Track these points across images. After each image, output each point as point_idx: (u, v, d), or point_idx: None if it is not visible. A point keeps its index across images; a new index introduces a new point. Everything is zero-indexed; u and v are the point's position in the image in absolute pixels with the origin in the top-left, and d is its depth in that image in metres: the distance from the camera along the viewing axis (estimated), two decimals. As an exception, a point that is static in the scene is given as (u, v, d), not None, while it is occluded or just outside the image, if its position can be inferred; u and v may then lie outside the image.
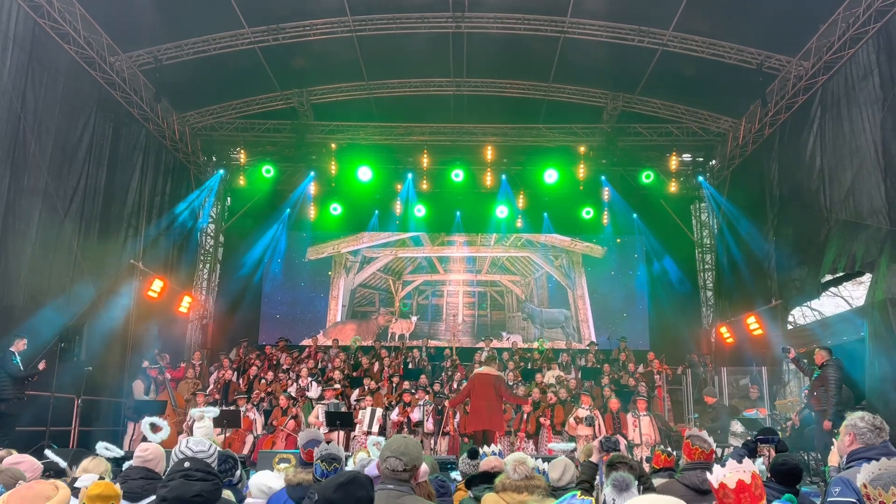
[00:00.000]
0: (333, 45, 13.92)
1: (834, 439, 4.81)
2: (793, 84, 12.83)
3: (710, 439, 4.72)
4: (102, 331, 12.00)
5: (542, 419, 11.58)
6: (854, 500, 2.79)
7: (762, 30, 12.44)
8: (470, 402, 10.45)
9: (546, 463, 4.65)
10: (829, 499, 2.98)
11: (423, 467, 3.62)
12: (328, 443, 3.79)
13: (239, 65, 14.30)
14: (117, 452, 4.56)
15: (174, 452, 3.82)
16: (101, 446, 4.37)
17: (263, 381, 13.26)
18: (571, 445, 7.48)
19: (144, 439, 5.14)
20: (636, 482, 3.76)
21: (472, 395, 10.24)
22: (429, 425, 11.42)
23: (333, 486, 2.34)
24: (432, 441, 11.41)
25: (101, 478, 3.54)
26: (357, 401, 12.52)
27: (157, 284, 13.97)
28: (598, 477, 4.65)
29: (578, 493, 3.17)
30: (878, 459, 2.88)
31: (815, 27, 11.84)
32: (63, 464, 4.90)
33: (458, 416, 11.54)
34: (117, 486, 2.33)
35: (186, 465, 2.99)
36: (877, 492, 2.50)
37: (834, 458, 6.97)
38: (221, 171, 17.35)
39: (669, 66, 13.89)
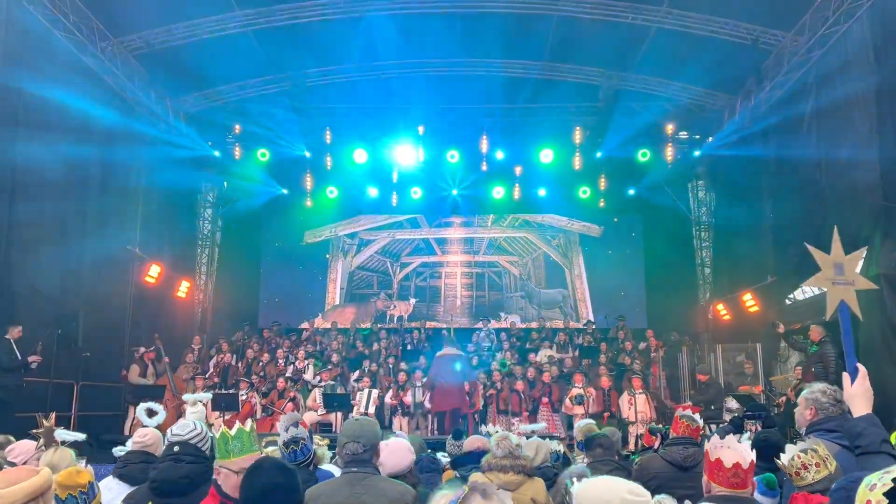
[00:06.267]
0: (326, 26, 13.81)
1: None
2: (788, 59, 12.73)
3: (698, 417, 4.78)
4: (100, 317, 12.07)
5: (543, 398, 11.69)
6: None
7: (757, 5, 12.32)
8: (436, 383, 10.65)
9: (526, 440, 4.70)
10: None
11: (408, 460, 3.64)
12: (328, 425, 3.82)
13: (232, 48, 14.18)
14: (77, 437, 4.62)
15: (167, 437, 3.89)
16: (61, 432, 4.42)
17: (260, 363, 13.35)
18: (542, 425, 7.60)
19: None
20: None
21: (437, 375, 10.52)
22: (428, 405, 11.52)
23: (243, 479, 2.37)
24: (429, 419, 11.52)
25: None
26: (356, 381, 12.62)
27: (155, 270, 14.01)
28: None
29: None
30: (834, 430, 2.96)
31: (809, 1, 11.73)
32: (81, 437, 4.97)
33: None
34: (87, 470, 2.39)
35: (176, 448, 3.14)
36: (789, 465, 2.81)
37: None
38: (218, 156, 17.31)
39: (665, 43, 13.76)
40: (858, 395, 2.71)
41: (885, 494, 1.51)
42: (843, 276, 2.44)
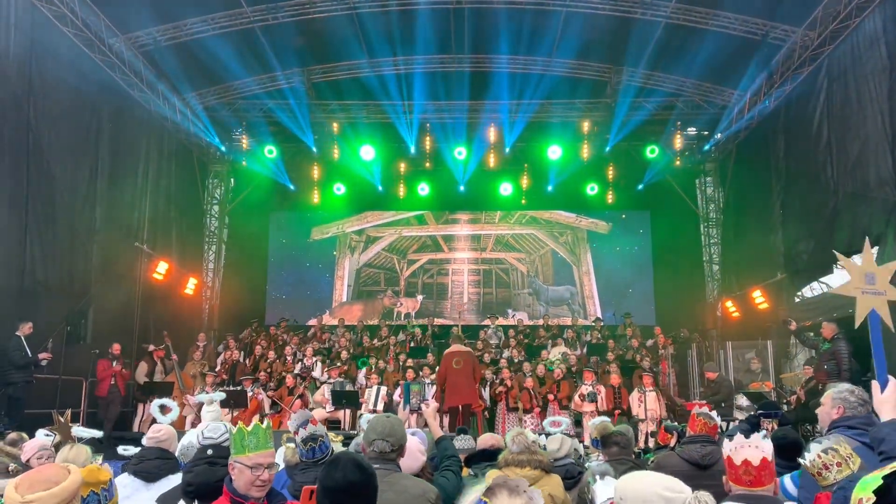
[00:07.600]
0: (333, 22, 13.78)
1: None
2: (798, 55, 12.64)
3: (716, 415, 4.74)
4: (108, 314, 12.08)
5: (549, 395, 11.64)
6: None
7: (767, 0, 12.24)
8: (447, 379, 10.72)
9: (546, 437, 4.69)
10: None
11: (420, 461, 3.60)
12: (336, 423, 3.81)
13: (239, 45, 14.18)
14: (94, 433, 4.62)
15: (197, 439, 3.87)
16: (77, 429, 4.41)
17: (266, 360, 13.33)
18: (568, 421, 7.56)
19: (154, 421, 5.23)
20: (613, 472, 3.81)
21: (448, 372, 10.50)
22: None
23: (322, 469, 2.36)
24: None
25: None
26: (365, 378, 12.59)
27: (163, 267, 14.01)
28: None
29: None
30: (856, 427, 2.95)
31: (820, -4, 11.65)
32: (98, 434, 4.98)
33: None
34: (106, 468, 2.38)
35: (209, 452, 3.16)
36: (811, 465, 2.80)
37: None
38: (224, 152, 17.31)
39: (673, 38, 13.70)
40: (888, 402, 2.72)
41: (874, 492, 1.51)
42: (875, 286, 2.42)
